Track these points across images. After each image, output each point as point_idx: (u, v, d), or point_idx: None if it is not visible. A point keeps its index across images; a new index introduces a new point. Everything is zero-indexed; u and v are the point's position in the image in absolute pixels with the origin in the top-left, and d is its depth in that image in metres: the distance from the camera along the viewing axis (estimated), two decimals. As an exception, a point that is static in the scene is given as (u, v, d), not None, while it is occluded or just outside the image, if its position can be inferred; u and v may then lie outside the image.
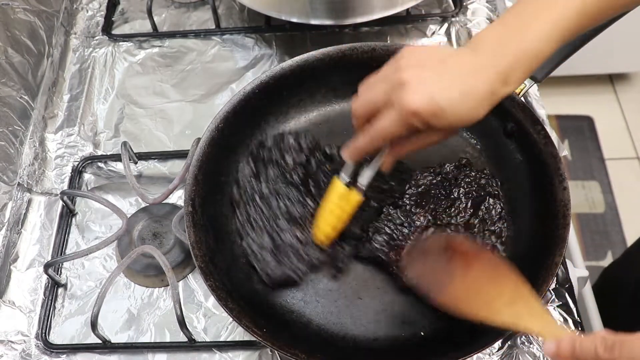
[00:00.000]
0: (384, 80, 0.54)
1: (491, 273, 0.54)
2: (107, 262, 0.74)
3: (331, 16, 0.82)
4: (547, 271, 0.59)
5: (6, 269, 0.74)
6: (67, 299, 0.72)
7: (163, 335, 0.69)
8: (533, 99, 0.81)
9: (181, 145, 0.83)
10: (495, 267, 0.54)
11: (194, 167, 0.67)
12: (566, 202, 0.63)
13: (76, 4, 0.99)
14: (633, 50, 1.76)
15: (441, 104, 0.51)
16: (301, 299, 0.66)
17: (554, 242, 0.61)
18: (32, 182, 0.80)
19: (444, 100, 0.51)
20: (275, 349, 0.57)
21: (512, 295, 0.51)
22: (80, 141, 0.85)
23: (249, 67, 0.90)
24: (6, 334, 0.70)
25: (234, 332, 0.68)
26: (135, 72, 0.91)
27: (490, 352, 0.65)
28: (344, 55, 0.74)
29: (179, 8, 0.98)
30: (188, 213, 0.64)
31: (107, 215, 0.77)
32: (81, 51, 0.94)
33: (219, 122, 0.70)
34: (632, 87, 1.99)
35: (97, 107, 0.88)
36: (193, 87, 0.89)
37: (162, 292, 0.72)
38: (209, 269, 0.62)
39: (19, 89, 0.82)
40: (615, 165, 1.83)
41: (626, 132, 1.90)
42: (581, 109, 1.92)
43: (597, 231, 1.71)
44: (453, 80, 0.52)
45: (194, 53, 0.93)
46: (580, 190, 1.78)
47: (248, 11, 0.96)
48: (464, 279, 0.54)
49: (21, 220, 0.77)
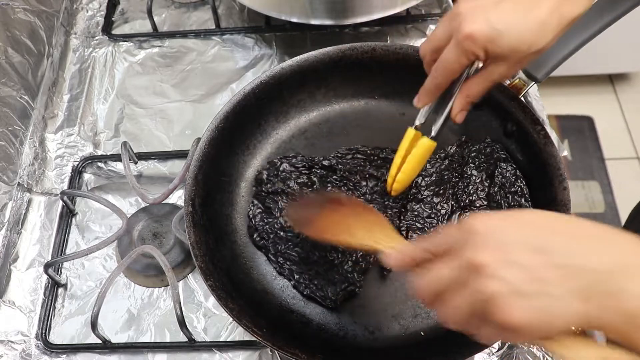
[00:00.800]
0: (446, 20, 0.54)
1: (353, 211, 0.58)
2: (107, 262, 0.74)
3: (331, 16, 0.82)
4: (547, 271, 0.59)
5: (6, 269, 0.74)
6: (67, 299, 0.72)
7: (163, 335, 0.69)
8: (533, 99, 0.81)
9: (181, 145, 0.83)
10: (362, 209, 0.59)
11: (194, 167, 0.67)
12: (566, 202, 0.62)
13: (76, 4, 0.99)
14: (633, 50, 1.77)
15: (497, 26, 0.50)
16: (301, 299, 0.66)
17: (554, 242, 0.61)
18: (32, 182, 0.80)
19: (501, 22, 0.50)
20: (276, 349, 0.57)
21: (369, 223, 0.55)
22: (80, 141, 0.85)
23: (249, 67, 0.90)
24: (6, 334, 0.70)
25: (234, 332, 0.68)
26: (135, 72, 0.91)
27: (490, 352, 0.65)
28: (344, 55, 0.74)
29: (179, 8, 0.98)
30: (188, 213, 0.64)
31: (107, 215, 0.77)
32: (81, 51, 0.94)
33: (219, 122, 0.70)
34: (632, 87, 1.99)
35: (97, 107, 0.88)
36: (193, 87, 0.89)
37: (162, 292, 0.72)
38: (209, 269, 0.62)
39: (19, 89, 0.82)
40: (615, 165, 1.83)
41: (626, 132, 1.90)
42: (581, 109, 1.92)
43: (597, 231, 1.71)
44: (511, 8, 0.51)
45: (194, 53, 0.93)
46: (580, 190, 1.78)
47: (248, 11, 0.96)
48: (331, 214, 0.58)
49: (21, 220, 0.77)
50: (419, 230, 0.67)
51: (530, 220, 0.40)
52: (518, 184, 0.68)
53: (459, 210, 0.68)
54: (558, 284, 0.37)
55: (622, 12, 0.66)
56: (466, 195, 0.68)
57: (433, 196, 0.69)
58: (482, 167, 0.69)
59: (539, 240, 0.38)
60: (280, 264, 0.67)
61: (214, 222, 0.68)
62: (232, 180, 0.73)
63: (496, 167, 0.69)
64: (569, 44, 0.67)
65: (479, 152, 0.70)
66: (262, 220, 0.69)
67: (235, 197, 0.72)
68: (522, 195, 0.67)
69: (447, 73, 0.55)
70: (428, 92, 0.58)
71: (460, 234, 0.40)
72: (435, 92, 0.58)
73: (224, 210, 0.70)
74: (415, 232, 0.67)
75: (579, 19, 0.65)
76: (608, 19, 0.66)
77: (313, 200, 0.65)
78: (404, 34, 0.91)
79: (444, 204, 0.68)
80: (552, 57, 0.67)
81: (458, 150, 0.71)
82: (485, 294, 0.38)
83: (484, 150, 0.70)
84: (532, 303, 0.37)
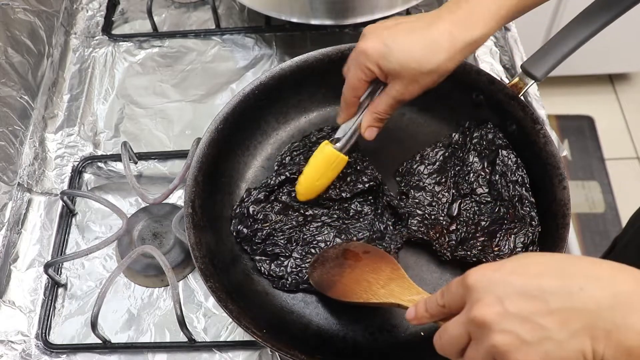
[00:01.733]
0: None
1: (373, 264, 0.61)
2: (107, 262, 0.74)
3: (331, 16, 0.82)
4: (547, 271, 0.59)
5: (6, 269, 0.74)
6: (67, 299, 0.72)
7: (163, 335, 0.69)
8: (533, 99, 0.81)
9: (181, 145, 0.83)
10: (377, 258, 0.62)
11: (194, 169, 0.67)
12: (566, 202, 0.62)
13: (76, 4, 0.99)
14: (633, 50, 1.76)
15: (388, 43, 0.55)
16: (301, 299, 0.66)
17: (554, 242, 0.61)
18: (32, 182, 0.80)
19: (392, 40, 0.55)
20: (275, 349, 0.57)
21: (387, 278, 0.58)
22: (80, 141, 0.85)
23: (249, 67, 0.90)
24: (6, 334, 0.70)
25: (234, 332, 0.68)
26: (135, 72, 0.91)
27: (490, 353, 0.65)
28: (343, 55, 0.74)
29: (179, 8, 0.98)
30: (188, 214, 0.64)
31: (107, 215, 0.77)
32: (81, 51, 0.94)
33: (219, 122, 0.70)
34: (632, 87, 1.99)
35: (97, 107, 0.88)
36: (193, 87, 0.89)
37: (162, 292, 0.72)
38: (209, 270, 0.62)
39: (19, 89, 0.82)
40: (615, 165, 1.83)
41: (626, 132, 1.90)
42: (581, 109, 1.92)
43: (597, 231, 1.71)
44: (406, 28, 0.55)
45: (194, 53, 0.93)
46: (580, 190, 1.78)
47: (248, 11, 0.96)
48: (351, 273, 0.61)
49: (21, 220, 0.77)
50: (419, 217, 0.67)
51: (522, 266, 0.41)
52: (519, 173, 0.68)
53: (460, 199, 0.69)
54: (558, 329, 0.38)
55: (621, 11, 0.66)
56: (467, 184, 0.69)
57: (435, 185, 0.70)
58: (484, 154, 0.70)
59: (533, 287, 0.39)
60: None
61: (214, 223, 0.68)
62: (232, 181, 0.73)
63: (497, 155, 0.69)
64: (568, 43, 0.67)
65: (480, 138, 0.71)
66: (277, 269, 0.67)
67: (235, 198, 0.72)
68: (522, 184, 0.67)
69: (350, 90, 0.61)
70: (342, 109, 0.64)
71: (463, 290, 0.42)
72: (346, 109, 0.64)
73: (224, 212, 0.70)
74: (415, 219, 0.67)
75: (576, 18, 0.65)
76: (607, 17, 0.66)
77: (331, 255, 0.66)
78: (404, 34, 0.91)
79: (444, 192, 0.69)
80: (552, 56, 0.67)
81: (461, 137, 0.72)
82: (498, 348, 0.39)
83: (486, 136, 0.71)
84: (539, 349, 0.38)
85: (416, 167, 0.71)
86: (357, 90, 0.61)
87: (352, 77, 0.60)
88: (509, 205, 0.66)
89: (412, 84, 0.58)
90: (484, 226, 0.66)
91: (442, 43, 0.55)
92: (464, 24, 0.54)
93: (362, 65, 0.58)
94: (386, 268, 0.60)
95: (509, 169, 0.68)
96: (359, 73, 0.59)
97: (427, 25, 0.55)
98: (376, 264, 0.61)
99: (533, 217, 0.65)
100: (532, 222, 0.65)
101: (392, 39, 0.56)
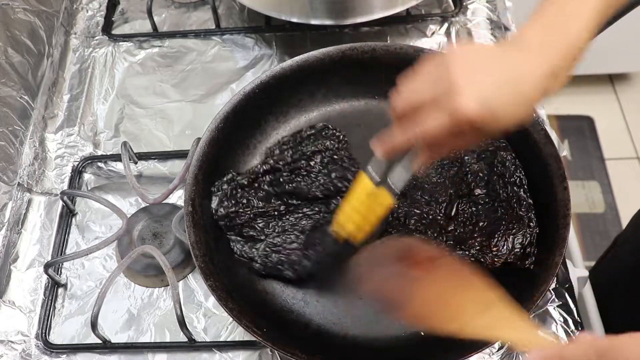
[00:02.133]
0: (431, 80, 0.50)
1: (455, 281, 0.50)
2: (107, 262, 0.74)
3: (331, 16, 0.82)
4: (547, 271, 0.59)
5: (6, 269, 0.74)
6: (67, 299, 0.72)
7: (163, 335, 0.69)
8: (533, 99, 0.81)
9: (181, 145, 0.83)
10: (458, 273, 0.50)
11: (194, 167, 0.67)
12: (566, 202, 0.62)
13: (76, 4, 0.99)
14: (633, 50, 1.76)
15: (495, 110, 0.47)
16: (301, 299, 0.66)
17: (554, 242, 0.61)
18: (32, 182, 0.80)
19: (498, 105, 0.47)
20: (275, 349, 0.57)
21: (481, 304, 0.47)
22: (80, 141, 0.85)
23: (249, 67, 0.90)
24: (6, 334, 0.70)
25: (234, 332, 0.68)
26: (135, 72, 0.91)
27: (490, 352, 0.65)
28: (344, 55, 0.74)
29: (179, 8, 0.98)
30: (188, 213, 0.64)
31: (107, 215, 0.77)
32: (81, 51, 0.94)
33: (219, 122, 0.70)
34: (632, 87, 1.98)
35: (97, 107, 0.88)
36: (193, 87, 0.89)
37: (162, 292, 0.72)
38: (209, 268, 0.62)
39: (19, 89, 0.82)
40: (615, 165, 1.82)
41: (626, 132, 1.90)
42: (581, 109, 1.92)
43: (597, 231, 1.71)
44: (505, 83, 0.48)
45: (194, 53, 0.92)
46: (580, 190, 1.78)
47: (248, 11, 0.96)
48: (426, 291, 0.49)
49: (21, 220, 0.77)
50: (417, 216, 0.67)
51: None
52: (517, 174, 0.68)
53: (457, 199, 0.68)
54: None
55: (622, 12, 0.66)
56: (465, 185, 0.69)
57: (433, 185, 0.69)
58: (482, 155, 0.70)
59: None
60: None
61: (214, 222, 0.68)
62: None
63: (496, 156, 0.69)
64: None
65: None
66: (249, 250, 0.67)
67: (235, 197, 0.72)
68: (520, 185, 0.67)
69: (427, 138, 0.51)
70: (397, 149, 0.54)
71: None
72: (405, 149, 0.54)
73: (224, 210, 0.70)
74: (413, 218, 0.67)
75: None
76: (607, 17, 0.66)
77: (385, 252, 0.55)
78: (404, 34, 0.91)
79: (442, 193, 0.69)
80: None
81: None
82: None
83: None
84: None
85: None
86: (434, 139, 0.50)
87: (436, 131, 0.49)
88: (507, 206, 0.66)
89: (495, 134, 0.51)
90: (482, 226, 0.66)
91: (537, 98, 0.49)
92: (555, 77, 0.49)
93: (458, 129, 0.48)
94: (475, 288, 0.47)
95: (507, 170, 0.68)
96: (448, 132, 0.49)
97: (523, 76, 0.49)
98: (458, 279, 0.49)
99: (531, 219, 0.65)
100: (530, 223, 0.65)
101: (497, 100, 0.47)
